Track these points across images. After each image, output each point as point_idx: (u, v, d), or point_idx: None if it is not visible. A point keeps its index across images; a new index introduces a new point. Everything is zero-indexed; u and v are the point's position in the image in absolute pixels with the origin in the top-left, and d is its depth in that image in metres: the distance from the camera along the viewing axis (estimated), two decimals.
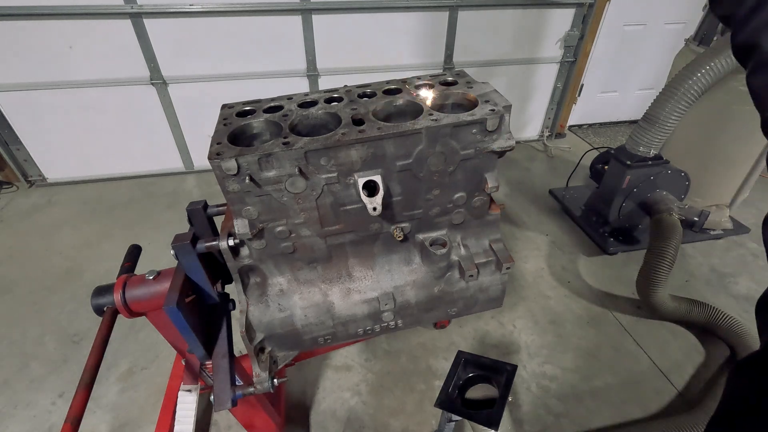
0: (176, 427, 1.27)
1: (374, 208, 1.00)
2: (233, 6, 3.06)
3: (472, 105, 1.07)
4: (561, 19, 3.75)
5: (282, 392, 1.87)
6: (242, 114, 1.12)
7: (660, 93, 2.37)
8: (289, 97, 1.19)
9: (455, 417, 1.43)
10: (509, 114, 1.02)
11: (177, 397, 1.31)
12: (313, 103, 1.14)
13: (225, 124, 1.06)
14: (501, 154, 1.07)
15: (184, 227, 1.14)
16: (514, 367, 1.43)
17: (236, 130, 1.05)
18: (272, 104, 1.16)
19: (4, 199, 3.36)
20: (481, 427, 1.33)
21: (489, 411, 1.32)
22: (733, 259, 2.79)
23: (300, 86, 3.54)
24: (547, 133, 4.41)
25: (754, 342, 2.01)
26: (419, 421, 1.86)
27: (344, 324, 1.23)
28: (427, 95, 1.13)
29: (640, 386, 2.02)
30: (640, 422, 1.87)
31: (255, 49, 3.29)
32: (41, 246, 2.87)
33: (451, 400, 1.41)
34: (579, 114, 4.55)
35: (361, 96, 1.15)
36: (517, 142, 4.29)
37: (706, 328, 2.22)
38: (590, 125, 4.74)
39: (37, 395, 1.96)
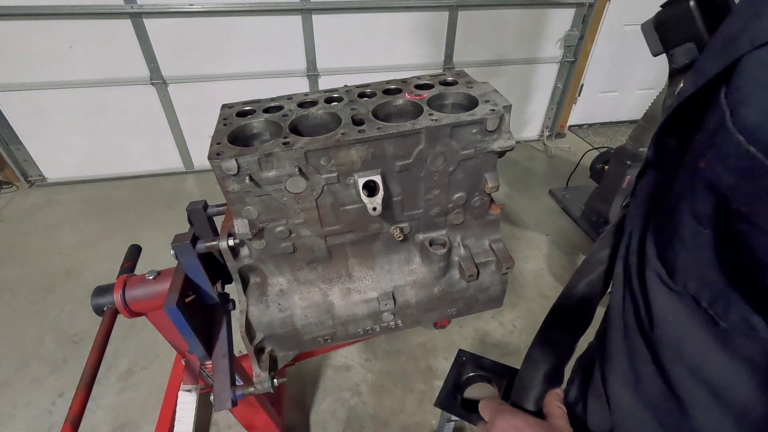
0: (176, 427, 1.27)
1: (374, 208, 1.00)
2: (233, 6, 3.05)
3: (472, 105, 1.06)
4: (561, 19, 3.75)
5: (282, 392, 1.87)
6: (242, 114, 1.12)
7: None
8: (289, 97, 1.19)
9: (455, 417, 1.43)
10: (509, 114, 1.02)
11: (177, 397, 1.31)
12: (313, 103, 1.14)
13: (225, 124, 1.06)
14: (501, 154, 1.07)
15: (184, 227, 1.14)
16: (516, 370, 1.43)
17: (236, 130, 1.05)
18: (272, 104, 1.16)
19: (4, 199, 3.36)
20: None
21: None
22: None
23: (300, 86, 3.55)
24: (547, 133, 4.40)
25: None
26: (419, 421, 1.86)
27: (344, 324, 1.22)
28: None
29: None
30: None
31: (255, 49, 3.29)
32: (41, 246, 2.87)
33: (451, 400, 1.41)
34: (579, 114, 4.55)
35: (361, 96, 1.15)
36: (517, 142, 4.29)
37: None
38: (590, 125, 4.73)
39: (37, 395, 1.96)
